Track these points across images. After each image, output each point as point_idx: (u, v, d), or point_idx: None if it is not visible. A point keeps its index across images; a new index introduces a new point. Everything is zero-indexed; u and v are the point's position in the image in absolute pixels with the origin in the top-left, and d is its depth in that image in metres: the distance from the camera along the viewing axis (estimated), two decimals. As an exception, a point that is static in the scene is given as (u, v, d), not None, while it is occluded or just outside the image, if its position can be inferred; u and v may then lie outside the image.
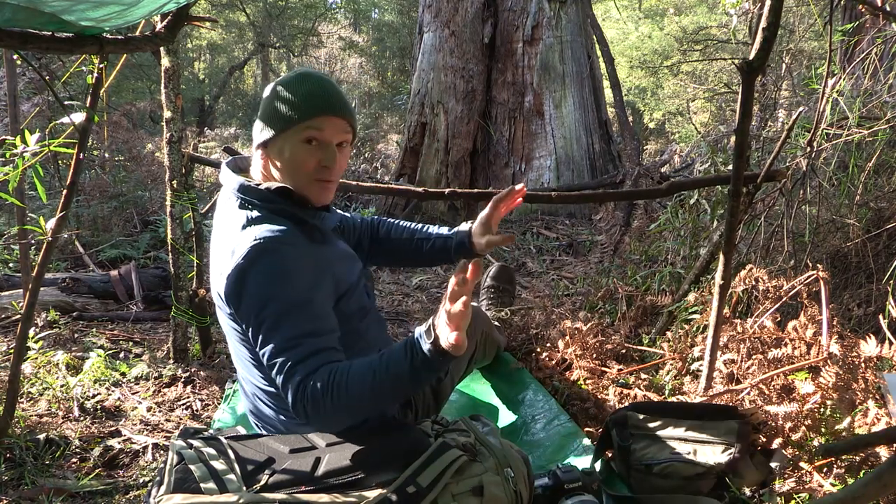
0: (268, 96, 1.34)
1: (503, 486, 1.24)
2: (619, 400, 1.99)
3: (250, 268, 1.21)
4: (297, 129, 1.29)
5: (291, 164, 1.31)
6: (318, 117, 1.29)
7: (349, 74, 16.04)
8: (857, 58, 2.88)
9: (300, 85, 1.30)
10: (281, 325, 1.19)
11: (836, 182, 2.72)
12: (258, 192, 1.31)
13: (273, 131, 1.30)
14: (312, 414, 1.17)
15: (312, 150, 1.30)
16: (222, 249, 1.29)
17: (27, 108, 4.86)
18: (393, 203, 5.74)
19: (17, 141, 1.70)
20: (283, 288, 1.21)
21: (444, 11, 5.89)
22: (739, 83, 1.60)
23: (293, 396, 1.18)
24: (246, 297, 1.22)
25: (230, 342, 1.41)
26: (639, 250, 3.89)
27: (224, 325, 1.38)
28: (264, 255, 1.21)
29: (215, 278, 1.33)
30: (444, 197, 2.75)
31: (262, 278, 1.21)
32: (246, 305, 1.22)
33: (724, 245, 1.73)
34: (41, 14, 1.35)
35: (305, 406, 1.17)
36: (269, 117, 1.31)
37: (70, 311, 3.16)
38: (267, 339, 1.20)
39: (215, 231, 1.39)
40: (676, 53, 10.95)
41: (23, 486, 1.70)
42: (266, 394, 1.38)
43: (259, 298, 1.21)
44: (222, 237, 1.32)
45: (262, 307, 1.20)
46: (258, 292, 1.21)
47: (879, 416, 1.57)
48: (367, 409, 1.23)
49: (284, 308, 1.20)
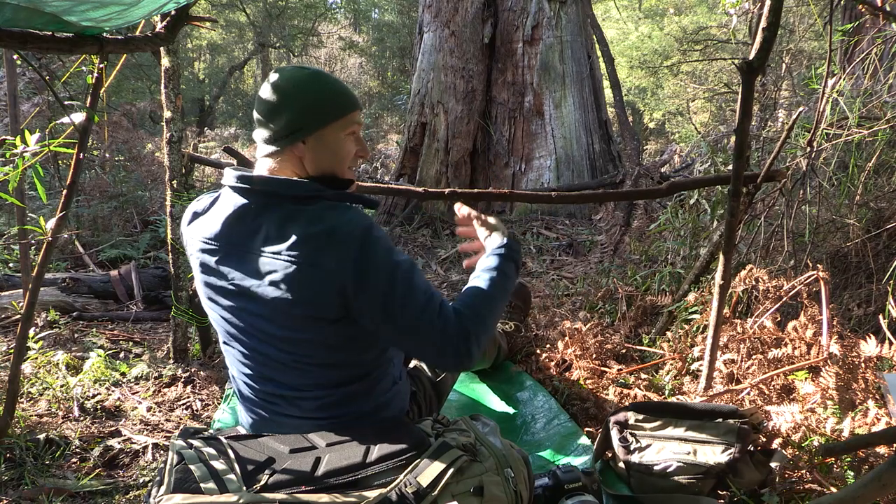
0: (294, 95, 1.31)
1: (503, 486, 1.24)
2: (619, 400, 1.99)
3: (367, 249, 1.24)
4: (340, 123, 1.36)
5: (338, 155, 1.38)
6: (354, 111, 1.38)
7: (349, 74, 16.05)
8: (857, 58, 2.88)
9: (326, 83, 1.35)
10: (413, 286, 1.27)
11: (836, 182, 2.72)
12: (309, 185, 1.32)
13: (316, 126, 1.33)
14: (477, 333, 1.28)
15: (352, 142, 1.40)
16: (289, 253, 1.24)
17: (27, 108, 4.87)
18: (393, 203, 5.74)
19: (17, 141, 1.70)
20: (398, 255, 1.28)
21: (444, 11, 5.89)
22: (739, 83, 1.60)
23: (456, 339, 1.26)
24: (372, 276, 1.24)
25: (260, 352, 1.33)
26: (639, 250, 3.89)
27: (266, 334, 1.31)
28: (370, 232, 1.25)
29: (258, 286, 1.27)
30: (444, 197, 2.75)
31: (381, 253, 1.25)
32: (374, 285, 1.24)
33: (724, 245, 1.73)
34: (42, 14, 1.35)
35: (472, 330, 1.27)
36: (305, 114, 1.32)
37: (70, 311, 3.16)
38: (406, 305, 1.25)
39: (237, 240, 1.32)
40: (676, 53, 10.95)
41: (23, 486, 1.70)
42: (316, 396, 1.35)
43: (386, 272, 1.25)
44: (279, 241, 1.26)
45: (392, 278, 1.25)
46: (384, 267, 1.25)
47: (879, 416, 1.57)
48: (501, 311, 1.42)
49: (408, 271, 1.27)
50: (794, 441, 1.60)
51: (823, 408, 1.68)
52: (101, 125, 5.91)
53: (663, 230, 3.32)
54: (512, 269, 1.45)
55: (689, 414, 1.61)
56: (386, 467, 1.20)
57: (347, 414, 1.37)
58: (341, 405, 1.36)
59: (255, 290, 1.28)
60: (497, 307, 1.38)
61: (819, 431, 1.60)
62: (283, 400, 1.37)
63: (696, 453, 1.53)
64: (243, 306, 1.32)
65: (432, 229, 5.41)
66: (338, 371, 1.34)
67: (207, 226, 1.37)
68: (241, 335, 1.36)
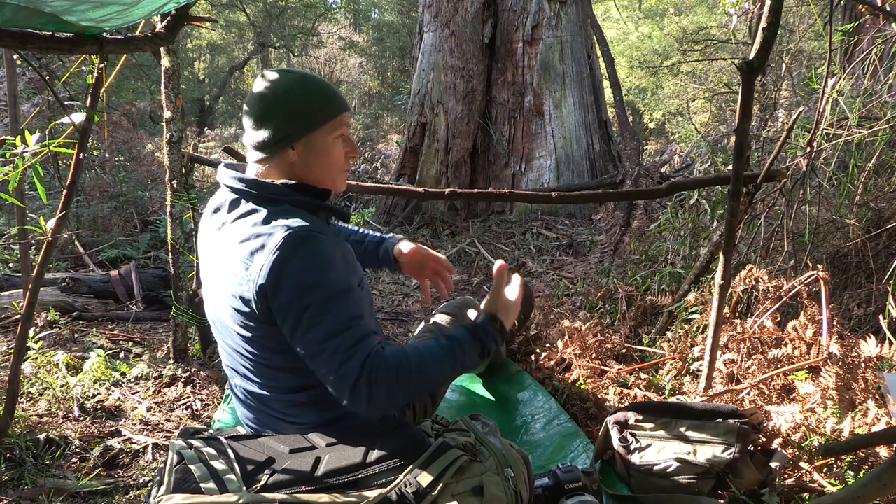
0: (282, 99, 1.31)
1: (503, 486, 1.24)
2: (619, 400, 1.99)
3: (291, 257, 1.19)
4: (328, 126, 1.34)
5: (327, 159, 1.36)
6: (342, 114, 1.35)
7: (349, 74, 16.04)
8: (857, 58, 2.88)
9: (313, 86, 1.33)
10: (330, 310, 1.20)
11: (836, 182, 2.72)
12: (275, 186, 1.31)
13: (305, 131, 1.32)
14: (378, 391, 1.18)
15: (341, 144, 1.37)
16: (236, 249, 1.27)
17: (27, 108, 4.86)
18: (393, 203, 5.74)
19: (17, 141, 1.70)
20: (326, 275, 1.21)
21: (444, 11, 5.89)
22: (739, 83, 1.60)
23: (357, 375, 1.17)
24: (286, 287, 1.20)
25: (230, 348, 1.37)
26: (639, 250, 3.89)
27: (227, 328, 1.34)
28: (303, 244, 1.21)
29: (223, 279, 1.30)
30: (444, 197, 2.75)
31: (304, 266, 1.20)
32: (286, 296, 1.20)
33: (724, 245, 1.73)
34: (42, 14, 1.35)
35: (371, 384, 1.17)
36: (293, 119, 1.31)
37: (70, 311, 3.16)
38: (312, 326, 1.19)
39: (213, 233, 1.37)
40: (676, 53, 10.95)
41: (23, 486, 1.70)
42: (272, 401, 1.35)
43: (303, 287, 1.20)
44: (232, 236, 1.30)
45: (306, 295, 1.19)
46: (301, 281, 1.20)
47: (879, 416, 1.57)
48: (432, 383, 1.29)
49: (330, 294, 1.21)
50: (794, 441, 1.60)
51: (823, 408, 1.68)
52: (101, 125, 5.91)
53: (663, 230, 3.32)
54: (476, 352, 1.32)
55: (689, 414, 1.61)
56: (386, 467, 1.20)
57: (322, 420, 1.34)
58: (308, 408, 1.34)
59: (218, 284, 1.33)
60: (432, 379, 1.27)
61: (819, 431, 1.60)
62: (255, 398, 1.39)
63: (696, 453, 1.53)
64: (217, 300, 1.36)
65: (432, 229, 5.41)
66: (291, 375, 1.31)
67: (206, 220, 1.43)
68: (219, 330, 1.40)
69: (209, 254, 1.39)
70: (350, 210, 1.54)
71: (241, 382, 1.40)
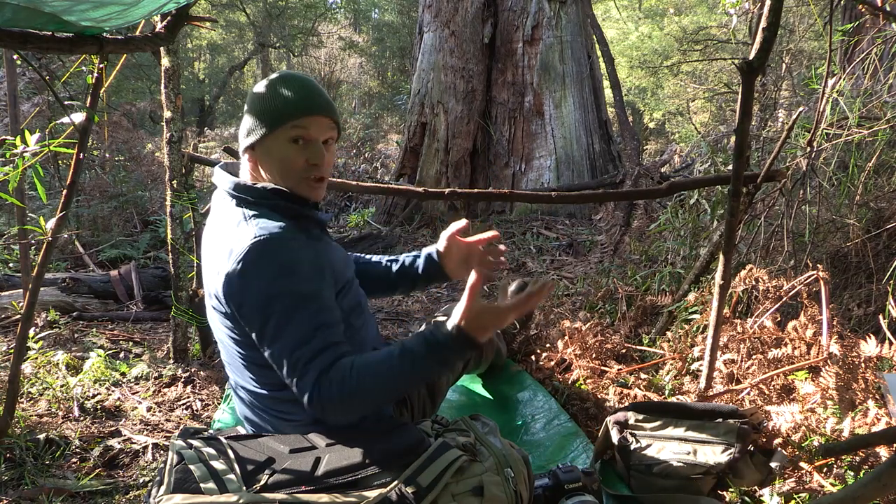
0: (252, 100, 1.34)
1: (503, 486, 1.24)
2: (619, 400, 1.99)
3: (254, 263, 1.19)
4: (283, 130, 1.30)
5: (281, 164, 1.32)
6: (302, 117, 1.30)
7: (349, 74, 16.03)
8: (857, 58, 2.88)
9: (281, 87, 1.31)
10: (292, 320, 1.18)
11: (836, 182, 2.72)
12: (255, 189, 1.31)
13: (260, 134, 1.31)
14: (332, 406, 1.16)
15: (300, 149, 1.32)
16: (219, 249, 1.29)
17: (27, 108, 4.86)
18: (393, 203, 5.74)
19: (17, 141, 1.70)
20: (290, 281, 1.20)
21: (444, 11, 5.89)
22: (739, 83, 1.60)
23: (311, 390, 1.16)
24: (251, 293, 1.20)
25: (224, 346, 1.38)
26: (639, 250, 3.89)
27: (217, 328, 1.36)
28: (268, 249, 1.20)
29: (211, 278, 1.32)
30: (444, 197, 2.75)
31: (267, 273, 1.19)
32: (251, 303, 1.20)
33: (724, 245, 1.73)
34: (41, 14, 1.35)
35: (324, 400, 1.16)
36: (254, 120, 1.32)
37: (70, 311, 3.16)
38: (277, 335, 1.19)
39: (209, 231, 1.39)
40: (676, 53, 10.95)
41: (23, 486, 1.70)
42: (265, 398, 1.35)
43: (266, 294, 1.19)
44: (218, 236, 1.32)
45: (270, 303, 1.19)
46: (264, 288, 1.19)
47: (879, 416, 1.57)
48: (387, 397, 1.25)
49: (293, 302, 1.19)
50: (794, 441, 1.60)
51: (823, 408, 1.68)
52: (101, 125, 5.91)
53: (663, 230, 3.32)
54: (436, 363, 1.22)
55: (689, 414, 1.61)
56: (386, 467, 1.20)
57: (316, 417, 1.30)
58: (299, 405, 1.30)
59: (208, 282, 1.35)
60: (390, 393, 1.24)
61: (819, 431, 1.60)
62: (250, 395, 1.39)
63: (696, 453, 1.53)
64: (209, 299, 1.38)
65: (432, 229, 5.41)
66: (271, 371, 1.29)
67: (209, 219, 1.46)
68: (215, 329, 1.42)
69: (205, 252, 1.41)
70: (329, 216, 1.50)
71: (237, 379, 1.41)
